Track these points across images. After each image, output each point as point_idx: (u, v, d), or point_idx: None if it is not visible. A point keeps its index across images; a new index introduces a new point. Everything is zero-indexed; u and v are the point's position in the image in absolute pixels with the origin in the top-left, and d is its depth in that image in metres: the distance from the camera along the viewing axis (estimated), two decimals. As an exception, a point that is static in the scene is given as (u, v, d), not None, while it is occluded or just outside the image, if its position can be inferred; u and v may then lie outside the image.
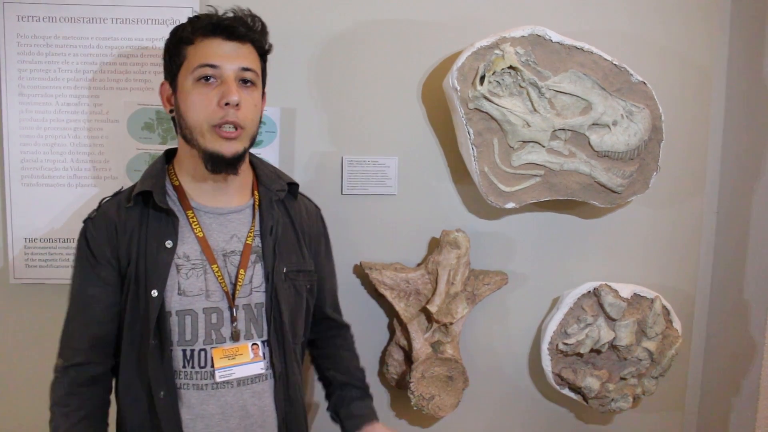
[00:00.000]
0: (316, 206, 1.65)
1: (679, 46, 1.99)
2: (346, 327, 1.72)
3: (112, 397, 1.44)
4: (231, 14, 1.36)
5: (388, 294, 1.87)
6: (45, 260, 1.86)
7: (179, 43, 1.36)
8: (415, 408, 1.87)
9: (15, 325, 1.91)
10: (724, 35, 2.03)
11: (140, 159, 1.85)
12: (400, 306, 1.88)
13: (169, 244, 1.35)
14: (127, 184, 1.81)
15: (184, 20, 1.77)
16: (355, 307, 1.94)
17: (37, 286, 1.89)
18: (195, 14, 1.38)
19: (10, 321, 1.91)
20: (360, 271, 1.94)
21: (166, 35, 1.78)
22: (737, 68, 2.02)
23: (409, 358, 1.91)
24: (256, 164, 1.52)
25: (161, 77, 1.81)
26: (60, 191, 1.84)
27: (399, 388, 1.98)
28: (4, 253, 1.87)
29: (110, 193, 1.81)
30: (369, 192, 1.94)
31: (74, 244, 1.84)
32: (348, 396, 1.60)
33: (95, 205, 1.81)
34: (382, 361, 2.00)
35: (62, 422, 1.33)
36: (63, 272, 1.86)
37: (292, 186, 1.54)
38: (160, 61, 1.80)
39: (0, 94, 1.81)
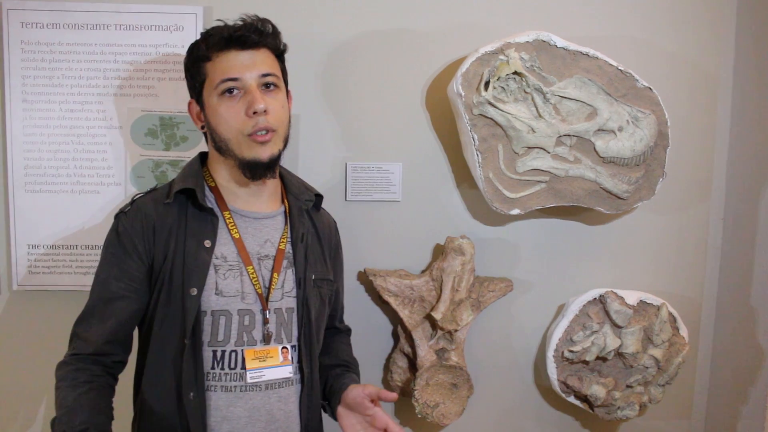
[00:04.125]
0: (333, 219, 1.68)
1: (685, 51, 1.98)
2: (347, 332, 1.75)
3: (122, 400, 1.43)
4: (240, 23, 1.38)
5: (392, 301, 1.86)
6: (48, 267, 1.85)
7: (197, 61, 1.38)
8: (419, 416, 1.86)
9: (17, 332, 1.91)
10: (730, 40, 2.02)
11: (143, 165, 1.85)
12: (404, 313, 1.87)
13: (207, 243, 1.36)
14: (131, 190, 1.82)
15: (188, 26, 1.81)
16: (359, 314, 1.94)
17: (40, 293, 1.88)
18: (204, 26, 1.40)
19: (13, 328, 1.91)
20: (364, 278, 1.93)
21: (170, 41, 1.82)
22: (743, 73, 2.01)
23: (413, 365, 1.90)
24: (284, 174, 1.55)
25: (165, 83, 1.83)
26: (63, 198, 1.84)
27: (403, 395, 1.96)
28: (7, 260, 1.87)
29: (113, 199, 1.84)
30: (373, 198, 1.93)
31: (78, 251, 1.85)
32: (331, 375, 1.54)
33: (99, 212, 1.84)
34: (386, 369, 1.99)
35: (70, 392, 1.29)
36: (66, 279, 1.85)
37: (318, 197, 1.56)
38: (164, 67, 1.83)
39: (4, 101, 1.81)
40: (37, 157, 1.83)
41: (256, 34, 1.36)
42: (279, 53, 1.44)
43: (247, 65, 1.34)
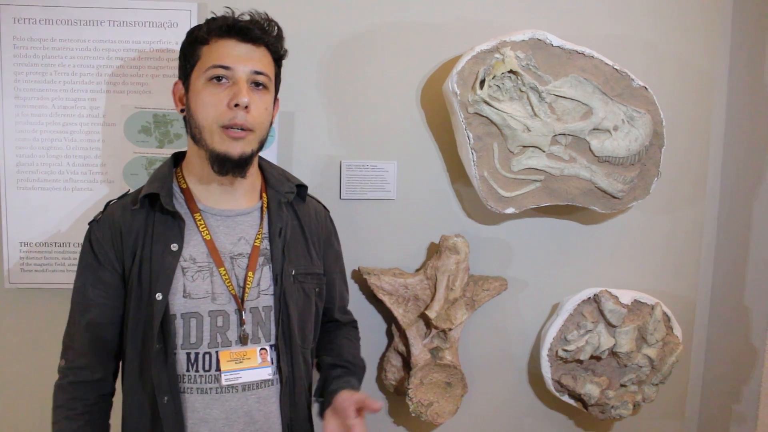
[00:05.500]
0: (325, 208, 1.63)
1: (680, 51, 1.98)
2: (351, 323, 1.70)
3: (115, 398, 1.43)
4: (247, 17, 1.36)
5: (386, 299, 1.86)
6: (40, 264, 1.84)
7: (194, 42, 1.35)
8: (413, 414, 1.86)
9: (10, 329, 1.90)
10: (725, 40, 2.03)
11: (137, 162, 1.84)
12: (398, 311, 1.86)
13: (174, 247, 1.34)
14: (124, 187, 1.81)
15: (182, 23, 1.80)
16: (353, 313, 1.93)
17: (32, 291, 1.87)
18: (213, 15, 1.37)
19: (5, 325, 1.89)
20: (358, 276, 1.93)
21: (164, 38, 1.81)
22: (738, 73, 2.01)
23: (407, 364, 1.90)
24: (265, 167, 1.51)
25: (159, 80, 1.82)
26: (56, 195, 1.83)
27: (397, 394, 1.96)
28: (-1, 257, 1.86)
29: (106, 196, 1.83)
30: (368, 197, 1.93)
31: (70, 249, 1.84)
32: (330, 376, 1.50)
33: (92, 209, 1.83)
34: (381, 367, 1.98)
35: (66, 425, 1.34)
36: (59, 276, 1.84)
37: (301, 188, 1.53)
38: (158, 63, 1.82)
39: (-4, 97, 1.80)
40: (29, 154, 1.81)
41: (259, 30, 1.34)
42: (278, 57, 1.41)
43: (242, 57, 1.32)
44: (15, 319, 1.89)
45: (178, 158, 1.48)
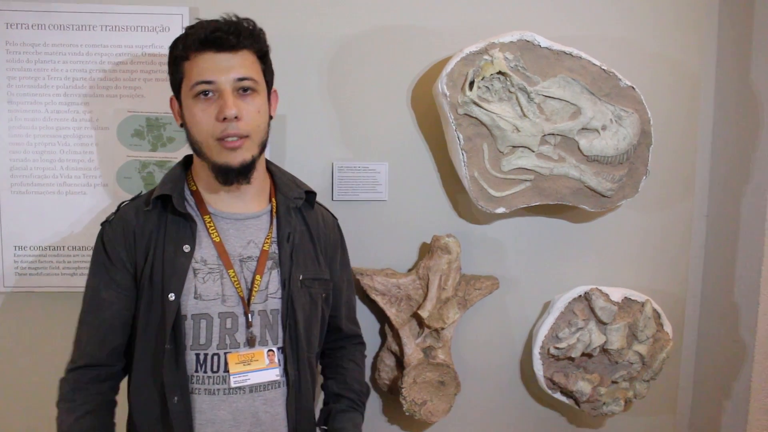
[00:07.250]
0: (333, 216, 1.65)
1: (667, 50, 2.00)
2: (357, 338, 1.72)
3: (119, 397, 1.43)
4: (221, 20, 1.33)
5: (379, 299, 1.87)
6: (35, 268, 1.85)
7: (176, 60, 1.35)
8: (407, 413, 1.87)
9: (5, 333, 1.90)
10: (712, 39, 2.04)
11: (130, 166, 1.85)
12: (391, 311, 1.88)
13: (186, 248, 1.36)
14: (118, 191, 1.83)
15: (173, 27, 1.81)
16: (346, 313, 1.94)
17: (27, 294, 1.88)
18: (189, 24, 1.36)
19: (0, 329, 1.90)
20: (351, 277, 1.94)
21: (156, 42, 1.82)
22: (725, 72, 2.03)
23: (400, 363, 1.91)
24: (274, 171, 1.53)
25: (151, 84, 1.83)
26: (50, 199, 1.84)
27: (391, 393, 1.97)
28: (-7, 262, 1.86)
29: (100, 200, 1.84)
30: (359, 198, 1.94)
31: (65, 252, 1.85)
32: (335, 408, 1.56)
33: (86, 213, 1.84)
34: (374, 367, 1.99)
35: (66, 417, 1.33)
36: (54, 280, 1.85)
37: (310, 195, 1.54)
38: (150, 68, 1.83)
39: (-11, 102, 1.81)
40: (23, 158, 1.82)
41: (234, 36, 1.31)
42: (261, 54, 1.40)
43: (222, 68, 1.30)
44: (10, 323, 1.90)
45: (189, 159, 1.49)
